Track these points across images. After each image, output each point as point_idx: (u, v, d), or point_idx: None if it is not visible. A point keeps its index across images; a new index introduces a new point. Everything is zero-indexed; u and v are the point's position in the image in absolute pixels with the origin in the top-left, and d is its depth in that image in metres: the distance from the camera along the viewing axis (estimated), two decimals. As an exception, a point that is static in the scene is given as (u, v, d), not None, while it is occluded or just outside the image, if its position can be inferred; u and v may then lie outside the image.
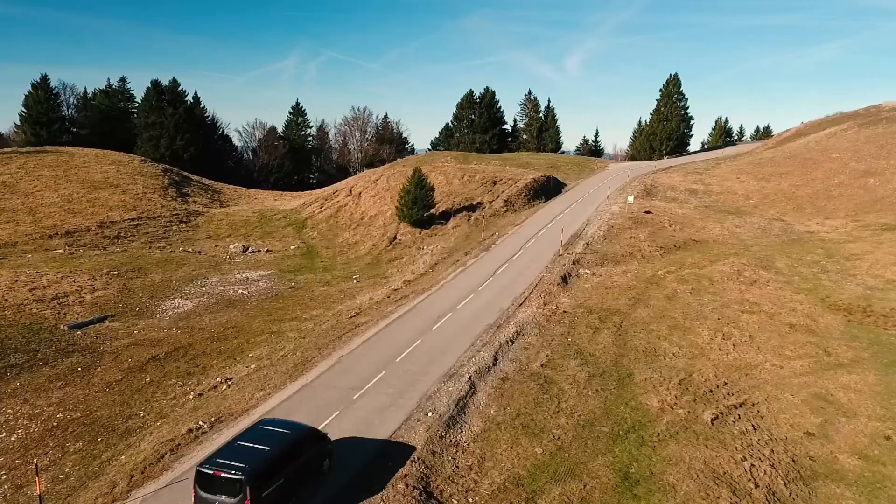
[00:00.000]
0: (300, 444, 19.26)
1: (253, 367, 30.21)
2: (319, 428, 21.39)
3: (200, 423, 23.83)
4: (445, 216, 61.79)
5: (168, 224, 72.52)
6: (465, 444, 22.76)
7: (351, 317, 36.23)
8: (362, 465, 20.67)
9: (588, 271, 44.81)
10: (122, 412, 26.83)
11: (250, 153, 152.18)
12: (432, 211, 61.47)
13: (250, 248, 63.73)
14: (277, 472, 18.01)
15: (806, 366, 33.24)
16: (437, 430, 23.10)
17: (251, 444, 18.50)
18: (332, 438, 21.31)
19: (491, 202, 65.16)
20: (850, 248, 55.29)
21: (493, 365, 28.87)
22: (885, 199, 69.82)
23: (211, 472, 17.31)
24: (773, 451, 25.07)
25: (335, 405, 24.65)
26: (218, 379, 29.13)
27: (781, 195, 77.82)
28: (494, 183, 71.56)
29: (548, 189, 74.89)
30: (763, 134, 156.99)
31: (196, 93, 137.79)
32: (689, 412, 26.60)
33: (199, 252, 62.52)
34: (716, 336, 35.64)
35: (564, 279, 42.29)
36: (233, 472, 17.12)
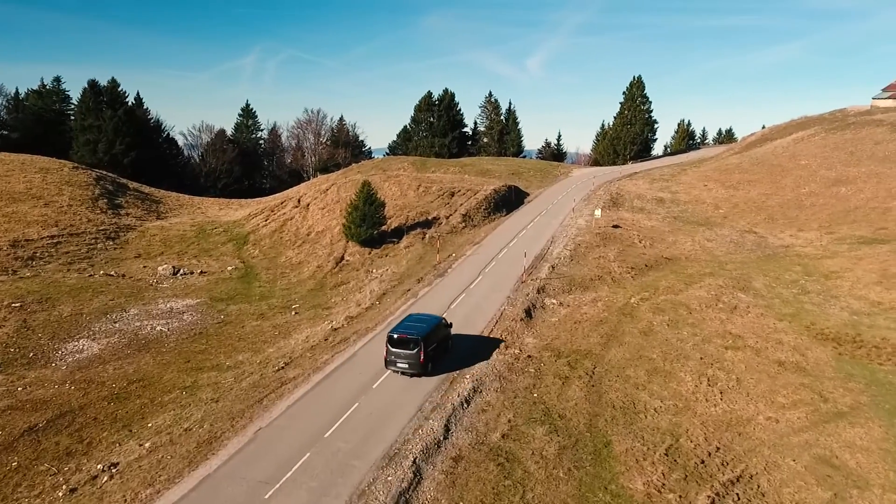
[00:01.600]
0: (439, 327, 30.26)
1: (148, 445, 24.44)
2: None
3: (59, 543, 18.12)
4: (398, 233, 56.39)
5: (93, 242, 65.52)
6: (404, 566, 17.62)
7: (279, 369, 30.63)
8: None
9: (554, 301, 40.09)
10: (-35, 520, 20.93)
11: (198, 157, 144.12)
12: (383, 228, 56.07)
13: (182, 270, 57.34)
14: (432, 340, 28.86)
15: (804, 417, 29.08)
16: (369, 547, 17.91)
17: (413, 324, 29.40)
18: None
19: (448, 217, 60.03)
20: (829, 265, 52.01)
21: (445, 438, 23.74)
22: (858, 209, 67.12)
23: (397, 335, 28.29)
24: (783, 547, 20.62)
25: (239, 510, 19.21)
26: (100, 465, 23.29)
27: (751, 204, 74.69)
28: (452, 195, 66.43)
29: (509, 200, 70.16)
30: (725, 137, 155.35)
31: (138, 93, 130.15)
32: (680, 497, 21.94)
33: (123, 275, 55.93)
34: (700, 381, 31.28)
35: (528, 312, 37.46)
36: (412, 334, 28.16)
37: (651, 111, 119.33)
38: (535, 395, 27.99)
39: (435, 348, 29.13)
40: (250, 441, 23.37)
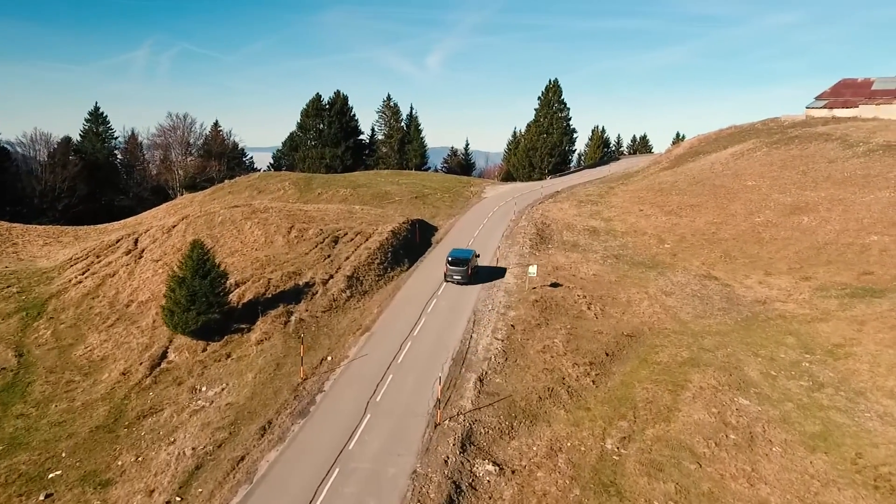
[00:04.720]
0: (474, 256, 46.29)
1: None
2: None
3: None
4: (251, 313, 38.21)
5: None
6: None
7: None
8: None
9: (490, 467, 24.08)
10: None
11: (37, 172, 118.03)
12: (230, 304, 38.14)
13: (-90, 379, 36.84)
14: (472, 263, 45.22)
15: None
16: None
17: (461, 253, 45.77)
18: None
19: (326, 281, 42.54)
20: (826, 334, 40.05)
21: None
22: (829, 245, 55.63)
23: (453, 258, 44.70)
24: None
25: None
26: None
27: (700, 237, 62.23)
28: (336, 241, 49.02)
29: (412, 245, 53.58)
30: (640, 145, 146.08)
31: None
32: None
33: None
34: None
35: (450, 510, 21.26)
36: (462, 258, 44.66)
37: (570, 118, 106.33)
38: None
39: (473, 269, 44.93)
40: None
